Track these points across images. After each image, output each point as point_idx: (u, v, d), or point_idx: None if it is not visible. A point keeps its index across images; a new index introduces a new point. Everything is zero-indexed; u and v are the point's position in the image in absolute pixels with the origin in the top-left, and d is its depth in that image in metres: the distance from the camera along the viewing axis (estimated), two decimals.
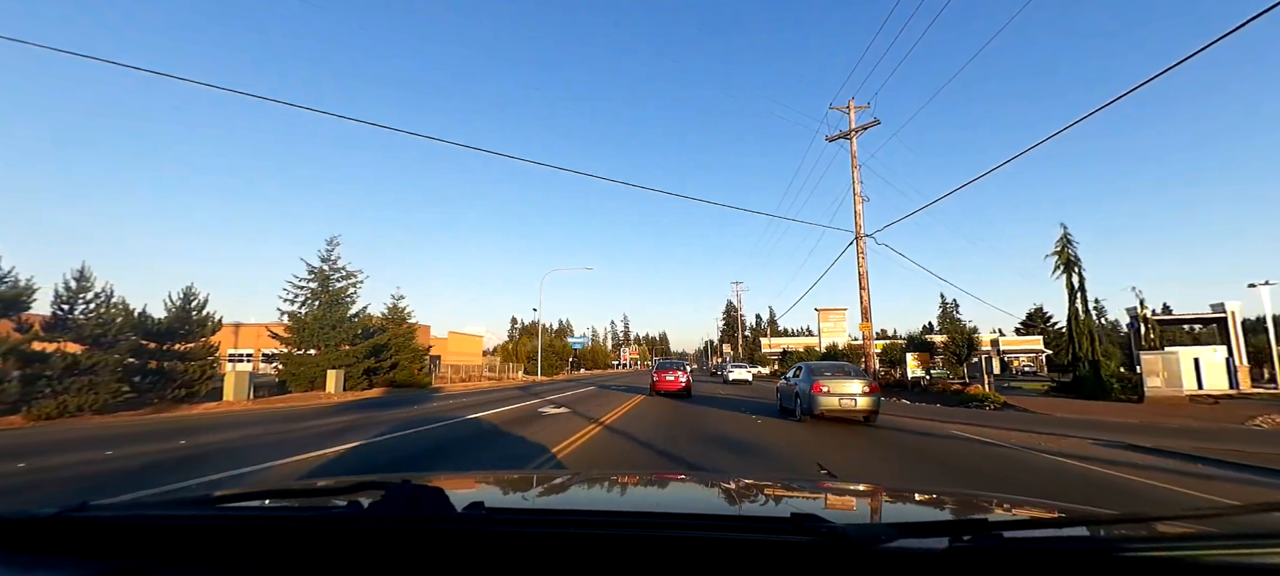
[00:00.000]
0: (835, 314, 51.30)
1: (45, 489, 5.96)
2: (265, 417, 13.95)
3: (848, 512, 1.56)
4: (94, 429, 11.57)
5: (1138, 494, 5.91)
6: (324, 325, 23.97)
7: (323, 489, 1.52)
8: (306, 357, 23.70)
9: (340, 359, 24.05)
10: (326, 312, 24.25)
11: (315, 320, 23.92)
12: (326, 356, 23.89)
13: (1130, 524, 1.17)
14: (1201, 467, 7.34)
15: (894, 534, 0.82)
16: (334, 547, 0.95)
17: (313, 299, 24.48)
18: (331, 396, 21.96)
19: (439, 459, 7.87)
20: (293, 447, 8.44)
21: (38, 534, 1.03)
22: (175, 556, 0.96)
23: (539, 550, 0.90)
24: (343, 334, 24.27)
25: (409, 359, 28.95)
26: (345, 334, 24.35)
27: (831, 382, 11.44)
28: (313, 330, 23.70)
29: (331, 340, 23.98)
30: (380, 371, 27.42)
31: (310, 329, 23.72)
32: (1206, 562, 0.82)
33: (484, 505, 0.96)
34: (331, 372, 22.89)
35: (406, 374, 28.52)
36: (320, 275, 24.61)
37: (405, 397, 21.76)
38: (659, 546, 0.89)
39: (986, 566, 0.81)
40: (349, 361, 24.46)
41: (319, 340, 23.80)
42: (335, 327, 24.14)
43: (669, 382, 19.53)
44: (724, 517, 1.32)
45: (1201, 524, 1.11)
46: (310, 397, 21.09)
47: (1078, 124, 13.36)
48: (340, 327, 24.25)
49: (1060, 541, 1.05)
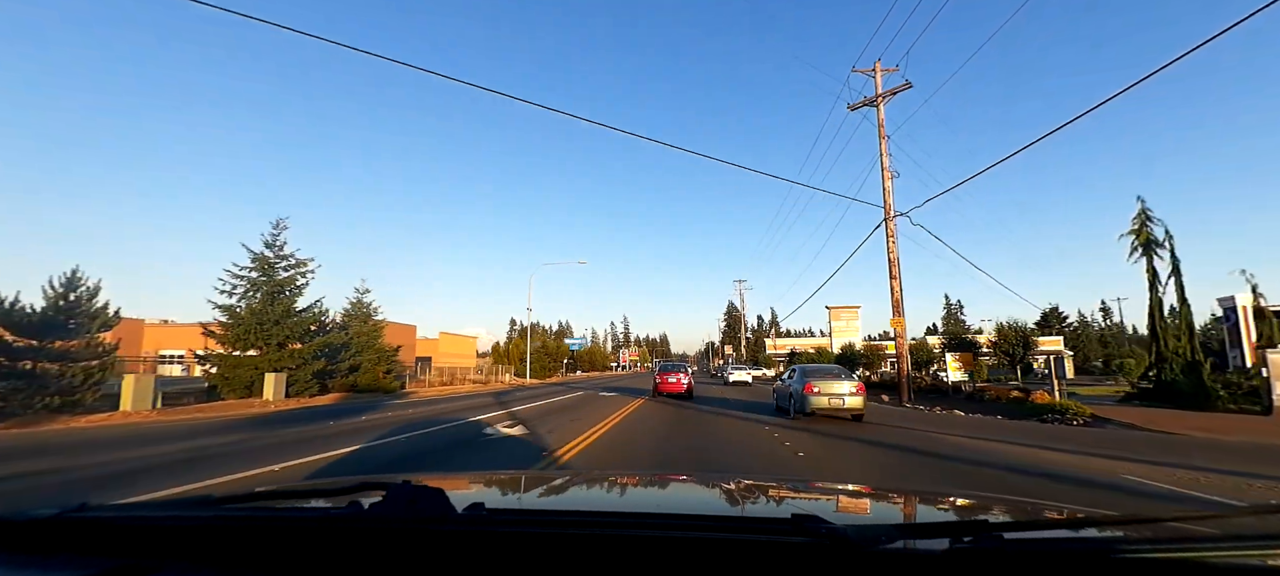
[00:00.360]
0: (848, 311, 47.69)
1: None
2: (155, 434, 10.63)
3: (848, 513, 1.51)
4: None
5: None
6: (264, 321, 20.53)
7: (323, 489, 1.65)
8: (244, 359, 20.27)
9: (285, 360, 20.62)
10: (267, 306, 20.80)
11: (253, 315, 20.47)
12: (268, 357, 20.44)
13: (1131, 525, 1.20)
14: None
15: (894, 535, 0.81)
16: (334, 548, 0.94)
17: (252, 290, 21.03)
18: (267, 404, 18.54)
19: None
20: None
21: (37, 534, 1.03)
22: (175, 556, 0.96)
23: (539, 550, 0.90)
24: (287, 331, 20.82)
25: (373, 360, 25.50)
26: (289, 331, 20.90)
27: (822, 384, 11.98)
28: (249, 326, 20.26)
29: (274, 338, 20.54)
30: (336, 374, 24.00)
31: (247, 325, 20.28)
32: (1207, 564, 0.81)
33: (484, 505, 0.96)
34: (269, 376, 19.46)
35: (370, 377, 25.09)
36: (262, 263, 21.16)
37: (354, 405, 18.34)
38: (659, 547, 0.88)
39: (987, 568, 0.80)
40: (296, 363, 21.04)
41: (258, 338, 20.37)
42: (278, 323, 20.69)
43: (671, 385, 19.53)
44: (724, 518, 1.33)
45: (1203, 525, 1.09)
46: (240, 406, 17.66)
47: (1147, 80, 10.04)
48: (284, 323, 20.80)
49: (1061, 542, 1.06)
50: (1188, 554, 0.85)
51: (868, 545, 0.79)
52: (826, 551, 0.80)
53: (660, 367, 21.54)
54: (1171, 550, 0.87)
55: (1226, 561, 0.81)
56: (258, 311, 20.59)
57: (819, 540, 0.81)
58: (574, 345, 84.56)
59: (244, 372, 20.05)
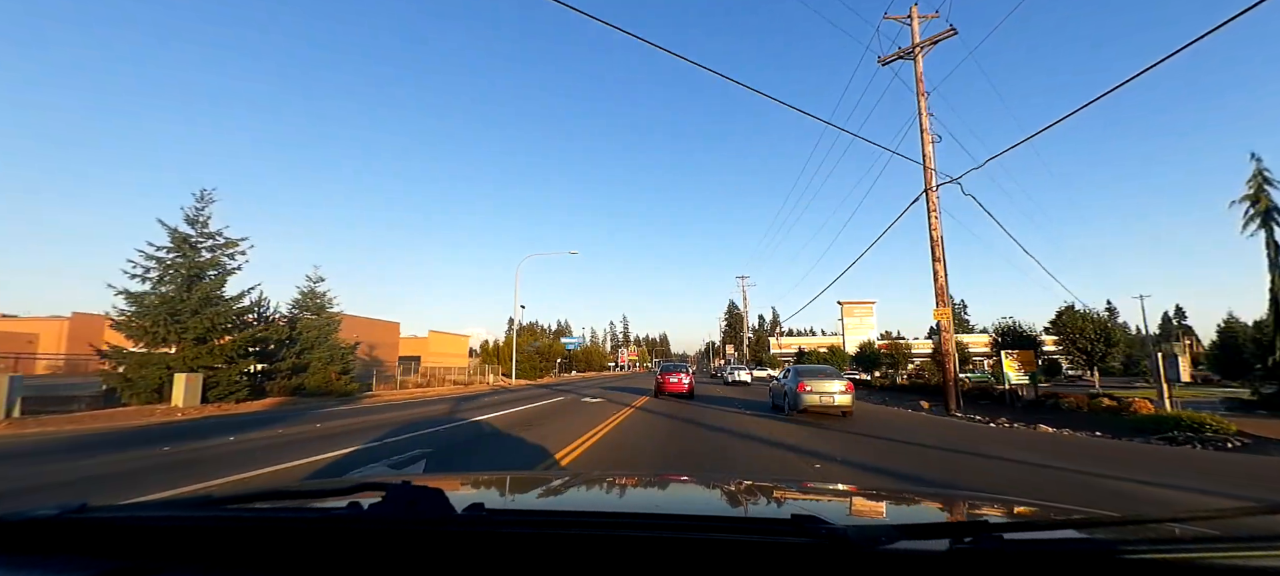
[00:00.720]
0: (861, 307, 44.06)
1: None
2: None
3: (848, 514, 1.50)
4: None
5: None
6: (179, 310, 17.04)
7: (323, 490, 1.61)
8: (153, 356, 16.78)
9: (204, 357, 17.13)
10: (183, 293, 17.30)
11: (165, 303, 16.97)
12: (186, 353, 16.98)
13: (1131, 526, 1.20)
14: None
15: (895, 535, 0.81)
16: (334, 548, 0.94)
17: (169, 274, 17.51)
18: (173, 411, 15.06)
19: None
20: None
21: (37, 535, 1.02)
22: (175, 557, 0.95)
23: (539, 551, 0.90)
24: (207, 322, 17.30)
25: (324, 359, 21.97)
26: (210, 321, 17.39)
27: (814, 383, 12.62)
28: (157, 316, 16.76)
29: (192, 331, 17.05)
30: (278, 375, 20.53)
31: (155, 315, 16.78)
32: (1207, 565, 0.80)
33: (484, 506, 0.95)
34: (179, 377, 15.97)
35: (320, 378, 21.58)
36: (178, 239, 17.63)
37: (281, 412, 14.87)
38: (659, 547, 0.88)
39: (987, 568, 0.80)
40: (220, 361, 17.56)
41: (169, 332, 16.87)
42: (196, 314, 17.18)
43: (673, 384, 19.83)
44: (724, 519, 1.32)
45: (1202, 526, 1.09)
46: (133, 414, 14.16)
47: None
48: (204, 313, 17.28)
49: (1061, 543, 1.04)
50: (1188, 554, 0.85)
51: (868, 545, 0.78)
52: (826, 552, 0.80)
53: (662, 368, 21.84)
54: (1171, 550, 0.86)
55: (1226, 561, 0.81)
56: (170, 299, 17.09)
57: (819, 540, 0.81)
58: (570, 344, 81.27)
59: (153, 373, 16.54)
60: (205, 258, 18.05)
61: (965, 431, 11.46)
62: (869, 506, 1.62)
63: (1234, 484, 6.42)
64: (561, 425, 11.20)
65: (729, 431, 10.50)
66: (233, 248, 18.66)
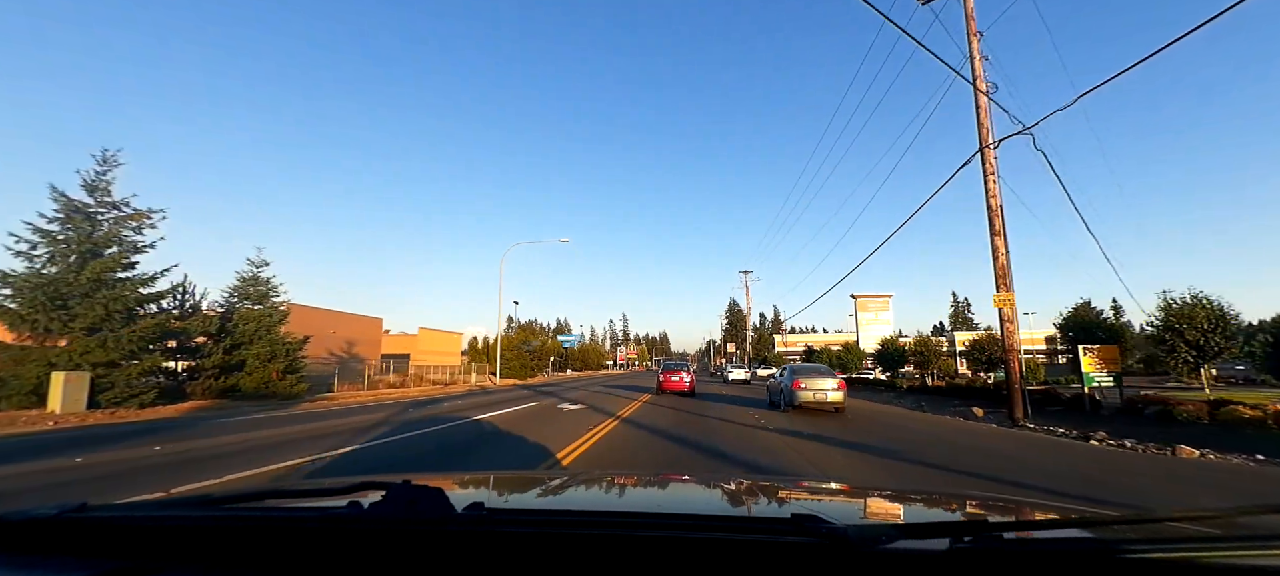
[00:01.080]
0: (876, 301, 40.86)
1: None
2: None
3: (848, 513, 1.50)
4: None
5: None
6: (67, 293, 13.91)
7: (323, 489, 1.53)
8: (34, 350, 13.65)
9: (97, 351, 13.98)
10: (75, 274, 14.14)
11: (46, 285, 13.83)
12: (76, 347, 13.86)
13: (1131, 525, 1.18)
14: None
15: (894, 534, 0.80)
16: (334, 548, 0.93)
17: (55, 250, 14.36)
18: (47, 417, 11.93)
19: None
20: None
21: (37, 534, 1.01)
22: (175, 556, 0.95)
23: (539, 551, 0.89)
24: (101, 307, 14.15)
25: (264, 356, 18.80)
26: (105, 307, 14.23)
27: (808, 381, 13.27)
28: (36, 300, 13.61)
29: (82, 319, 13.91)
30: (202, 373, 17.38)
31: (32, 300, 13.63)
32: (1207, 564, 0.80)
33: (484, 506, 0.94)
34: (57, 376, 12.81)
35: (259, 378, 18.43)
36: (69, 208, 14.46)
37: (184, 420, 11.73)
38: (659, 547, 0.87)
39: (987, 567, 0.80)
40: (122, 354, 14.42)
41: (56, 321, 13.74)
42: (88, 297, 14.04)
43: (675, 382, 19.97)
44: (724, 518, 1.31)
45: (1203, 525, 1.07)
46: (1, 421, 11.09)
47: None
48: (96, 297, 14.12)
49: (1061, 542, 1.03)
50: (1188, 554, 0.84)
51: (868, 545, 0.78)
52: (826, 551, 0.80)
53: (664, 366, 21.88)
54: (1171, 550, 0.86)
55: (1226, 561, 0.80)
56: (55, 279, 13.94)
57: (819, 540, 0.80)
58: (567, 342, 78.10)
59: (32, 370, 13.42)
60: (104, 231, 14.90)
61: (1078, 456, 8.26)
62: (869, 505, 1.60)
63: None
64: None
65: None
66: (142, 219, 15.49)
